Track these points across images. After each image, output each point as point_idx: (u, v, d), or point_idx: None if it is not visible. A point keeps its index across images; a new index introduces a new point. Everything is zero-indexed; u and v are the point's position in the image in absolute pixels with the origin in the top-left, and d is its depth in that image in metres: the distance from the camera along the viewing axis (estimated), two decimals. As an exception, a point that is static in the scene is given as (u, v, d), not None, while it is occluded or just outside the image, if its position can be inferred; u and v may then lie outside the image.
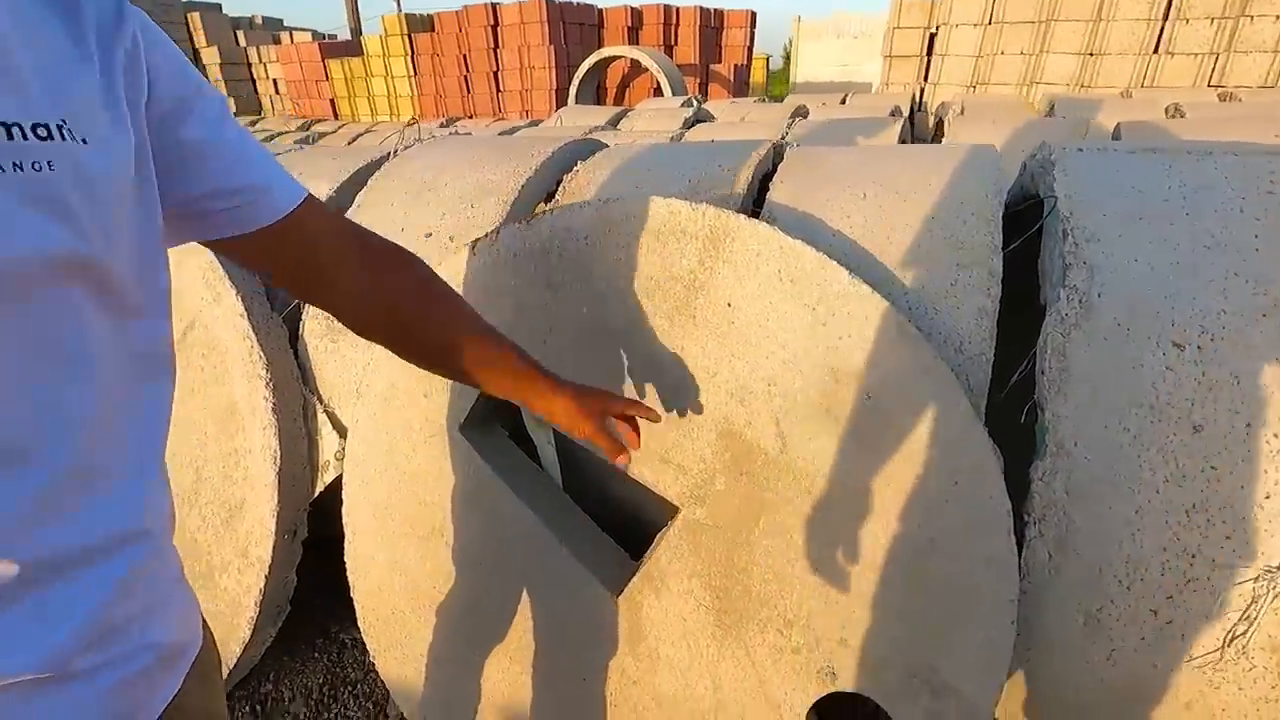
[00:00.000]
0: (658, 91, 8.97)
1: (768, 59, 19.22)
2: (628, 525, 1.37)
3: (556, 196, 1.60)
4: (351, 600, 1.49)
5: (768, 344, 1.09)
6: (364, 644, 1.51)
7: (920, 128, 4.72)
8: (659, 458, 1.18)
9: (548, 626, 1.29)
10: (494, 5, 9.09)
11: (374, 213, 1.60)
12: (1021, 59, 5.89)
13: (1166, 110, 3.14)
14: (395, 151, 1.86)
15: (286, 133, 7.44)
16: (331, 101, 10.95)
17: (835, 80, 12.70)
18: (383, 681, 1.50)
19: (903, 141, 2.76)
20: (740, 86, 10.27)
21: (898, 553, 1.05)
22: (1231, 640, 0.98)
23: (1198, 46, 5.34)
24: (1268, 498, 0.94)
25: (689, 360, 1.14)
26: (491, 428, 1.36)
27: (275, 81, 11.84)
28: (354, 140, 5.75)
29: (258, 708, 1.71)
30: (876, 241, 1.22)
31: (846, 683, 1.10)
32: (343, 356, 1.52)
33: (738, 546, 1.14)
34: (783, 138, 2.76)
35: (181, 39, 11.59)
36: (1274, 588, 0.94)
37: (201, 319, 1.53)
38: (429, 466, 1.35)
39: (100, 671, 0.52)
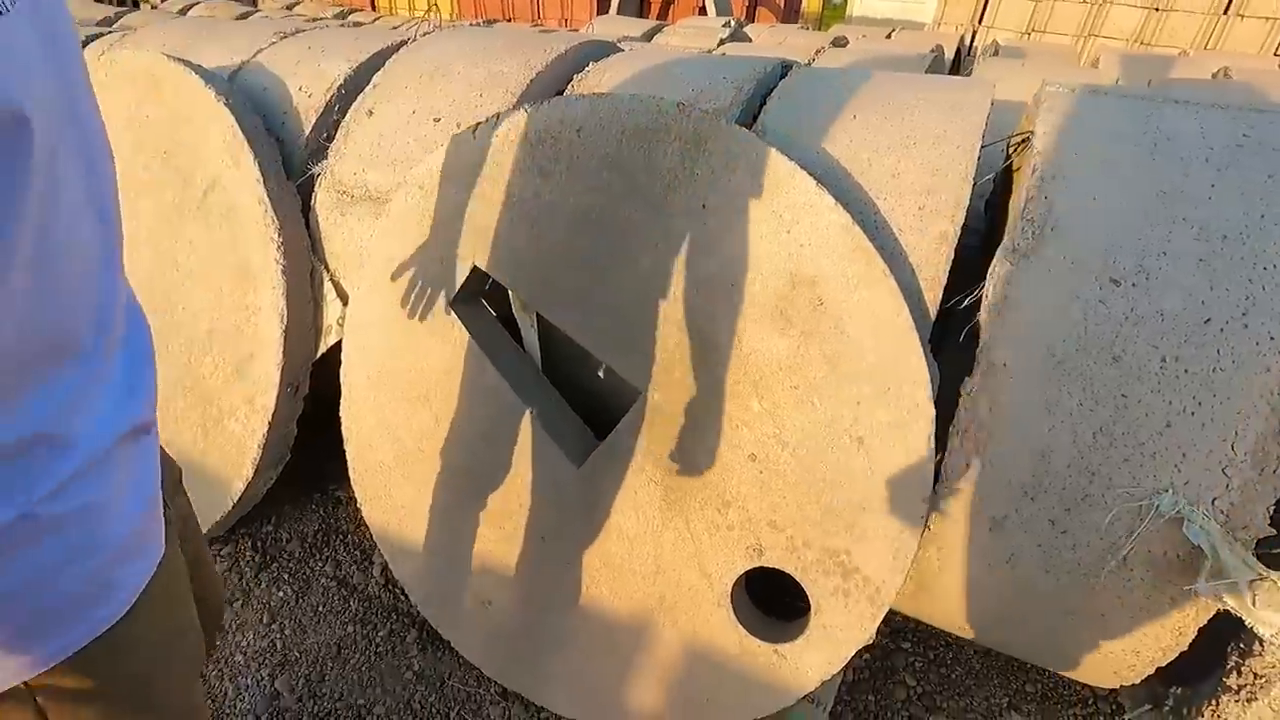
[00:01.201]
0: (704, 11, 8.64)
1: (827, -12, 18.20)
2: (602, 413, 1.49)
3: (565, 94, 1.64)
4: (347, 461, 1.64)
5: (735, 245, 1.17)
6: (356, 500, 1.67)
7: (965, 72, 4.56)
8: (628, 344, 1.28)
9: (515, 489, 1.43)
10: (544, -99, 8.69)
11: (387, 94, 1.66)
12: (1083, 8, 5.59)
13: (1215, 74, 3.02)
14: (414, 37, 1.90)
15: (321, 19, 7.32)
16: (370, -8, 10.66)
17: (893, 18, 12.08)
18: (369, 532, 1.67)
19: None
20: (790, 14, 9.83)
21: (828, 446, 1.15)
22: (1119, 556, 1.09)
23: (1270, 10, 5.03)
24: (1168, 426, 1.02)
25: (663, 254, 1.22)
26: (478, 306, 1.47)
27: (315, -35, 11.51)
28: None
29: (258, 544, 1.90)
30: (857, 162, 1.26)
31: (770, 560, 1.23)
32: (349, 229, 1.62)
33: (688, 431, 1.25)
34: (809, 63, 2.72)
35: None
36: (1158, 509, 1.03)
37: (221, 181, 1.63)
38: (420, 336, 1.47)
39: (153, 428, 0.70)
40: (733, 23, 4.95)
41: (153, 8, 9.18)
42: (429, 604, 1.57)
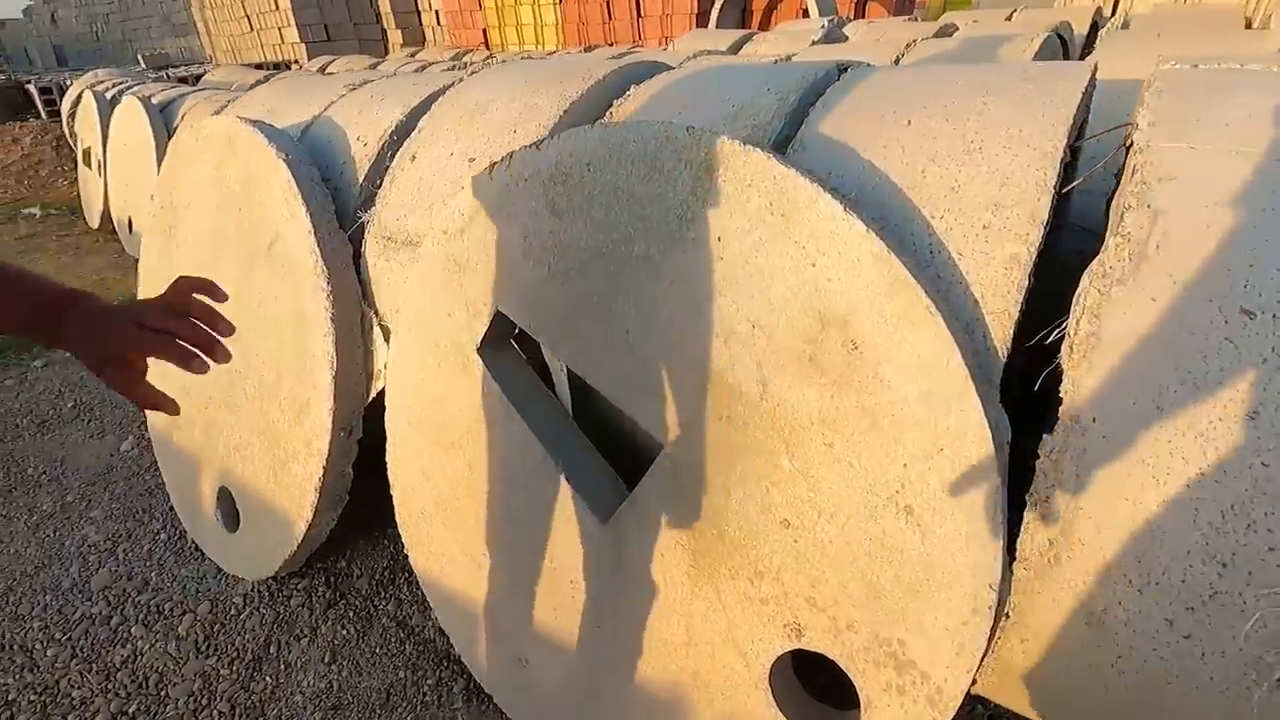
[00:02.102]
0: (806, 14, 8.33)
1: (951, -27, 16.99)
2: (639, 462, 1.38)
3: (602, 122, 1.56)
4: (394, 497, 1.64)
5: (754, 282, 1.02)
6: (408, 538, 1.67)
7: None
8: (646, 392, 1.17)
9: (548, 542, 1.35)
10: (644, -76, 8.77)
11: (429, 138, 1.67)
12: (1258, -41, 4.75)
13: None
14: (463, 77, 1.90)
15: (438, 63, 7.81)
16: (484, 31, 11.29)
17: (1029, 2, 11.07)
18: (421, 573, 1.65)
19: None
20: (905, 5, 9.26)
21: (871, 515, 0.97)
22: (1273, 678, 0.82)
23: None
24: (1333, 508, 0.75)
25: (678, 293, 1.10)
26: (506, 350, 1.41)
27: (437, 13, 12.37)
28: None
29: (331, 579, 1.96)
30: (910, 174, 1.08)
31: (811, 642, 1.06)
32: (394, 274, 1.63)
33: (714, 490, 1.11)
34: (897, 60, 2.48)
35: (360, -26, 12.36)
36: (1324, 616, 0.76)
37: (282, 234, 1.70)
38: (452, 383, 1.43)
39: None
40: (828, 23, 4.70)
41: (300, 68, 10.26)
42: (470, 655, 1.53)
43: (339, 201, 1.75)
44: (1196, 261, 0.84)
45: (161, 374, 0.82)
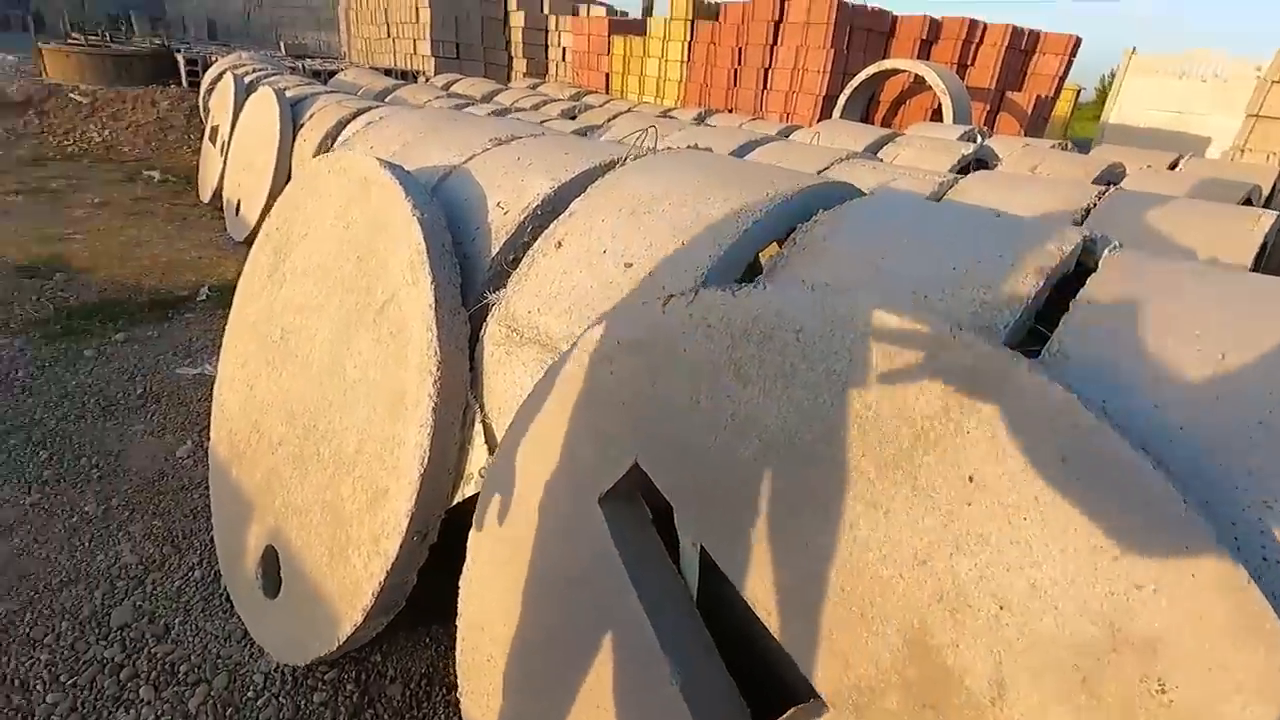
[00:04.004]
0: (936, 115, 8.14)
1: (1078, 91, 16.65)
2: (773, 680, 1.12)
3: (784, 250, 1.35)
4: (458, 623, 1.41)
5: (1016, 554, 0.77)
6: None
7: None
8: (820, 632, 0.91)
9: (635, 756, 1.09)
10: (784, 0, 8.82)
11: (581, 226, 1.48)
12: None
13: None
14: (628, 158, 1.73)
15: (558, 100, 7.92)
16: (606, 76, 11.50)
17: (1162, 128, 10.64)
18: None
19: (1266, 243, 2.07)
20: (1038, 122, 8.97)
21: None
22: None
23: None
24: None
25: (891, 531, 0.85)
26: (633, 508, 1.18)
27: (564, 50, 12.73)
28: (614, 119, 5.92)
29: (361, 677, 1.73)
30: (1235, 438, 0.81)
31: None
32: (513, 372, 1.43)
33: (892, 793, 0.84)
34: (1087, 210, 2.21)
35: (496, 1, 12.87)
36: None
37: (399, 297, 1.53)
38: (559, 526, 1.21)
39: None
40: (975, 134, 4.47)
41: (426, 80, 10.62)
42: None
43: (466, 271, 1.57)
44: None
45: (247, 390, 0.61)
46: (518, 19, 12.93)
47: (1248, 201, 3.15)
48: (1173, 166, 4.14)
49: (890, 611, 0.84)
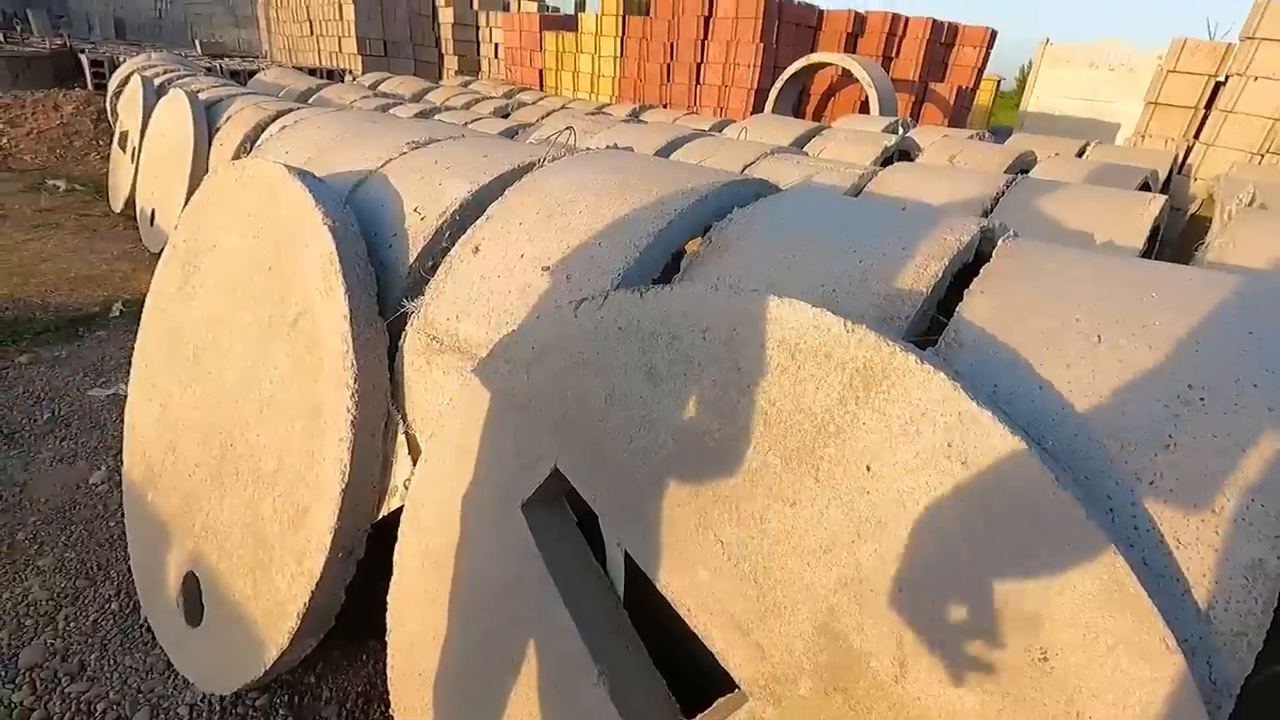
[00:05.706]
0: (864, 107, 8.36)
1: (998, 82, 17.33)
2: (701, 673, 1.13)
3: (700, 250, 1.36)
4: (388, 640, 1.39)
5: (912, 536, 0.80)
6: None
7: (1179, 197, 3.89)
8: (736, 624, 0.93)
9: (568, 760, 1.09)
10: (713, -4, 8.89)
11: (498, 230, 1.47)
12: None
13: None
14: (546, 159, 1.72)
15: (491, 97, 7.80)
16: (540, 72, 11.39)
17: (1075, 116, 11.19)
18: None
19: (1157, 226, 2.20)
20: (960, 112, 9.32)
21: None
22: None
23: None
24: None
25: (798, 521, 0.87)
26: (558, 511, 1.18)
27: (496, 46, 12.53)
28: (547, 116, 5.87)
29: (294, 700, 1.68)
30: (1108, 413, 0.86)
31: None
32: (434, 380, 1.41)
33: (810, 776, 0.86)
34: (996, 199, 2.31)
35: (426, -4, 12.56)
36: None
37: (312, 310, 1.48)
38: (484, 535, 1.19)
39: None
40: (899, 125, 4.61)
41: (354, 79, 10.30)
42: None
43: (382, 280, 1.54)
44: None
45: (160, 411, 0.59)
46: (446, 15, 12.66)
47: (1145, 186, 3.34)
48: (1081, 153, 4.36)
49: (800, 600, 0.87)
